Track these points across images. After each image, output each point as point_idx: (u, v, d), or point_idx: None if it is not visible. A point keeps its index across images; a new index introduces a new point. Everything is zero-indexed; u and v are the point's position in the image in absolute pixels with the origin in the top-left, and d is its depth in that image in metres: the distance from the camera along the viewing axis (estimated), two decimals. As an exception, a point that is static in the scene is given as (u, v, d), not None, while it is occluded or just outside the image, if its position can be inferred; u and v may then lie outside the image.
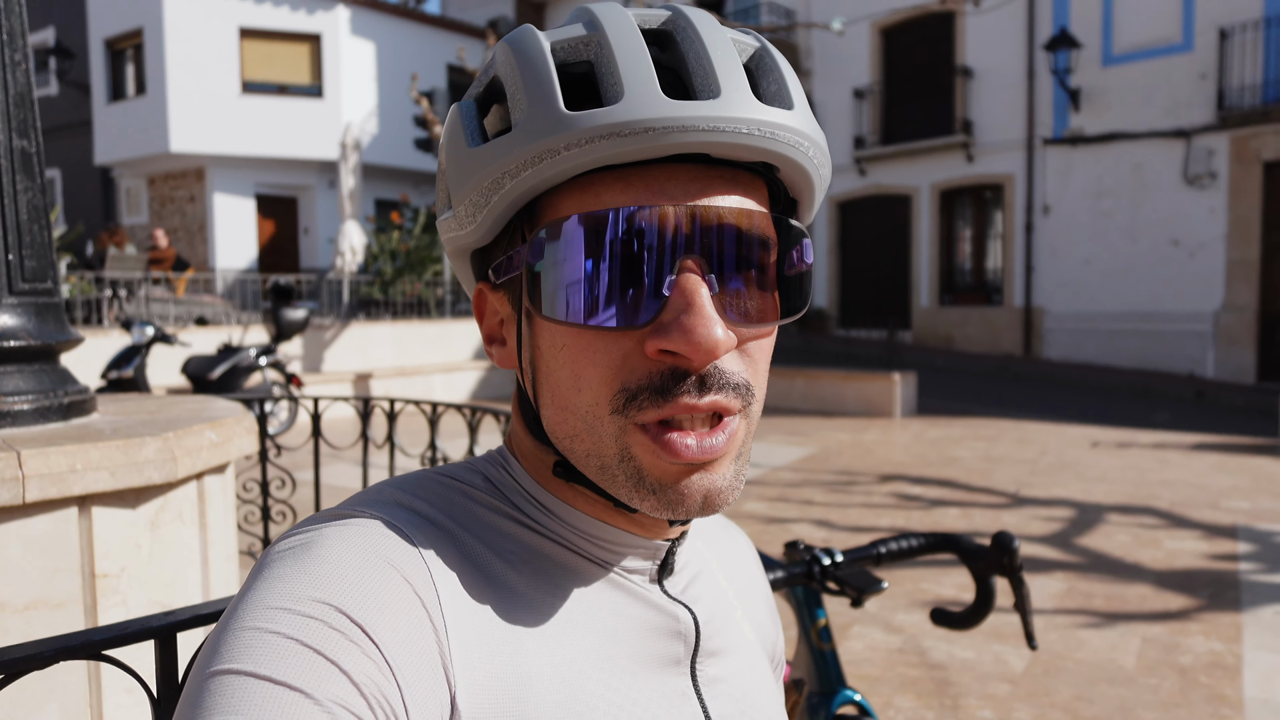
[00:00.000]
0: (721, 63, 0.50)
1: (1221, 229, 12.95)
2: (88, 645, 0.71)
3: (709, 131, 0.48)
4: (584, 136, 0.47)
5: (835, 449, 7.97)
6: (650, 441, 0.50)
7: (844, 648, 3.46)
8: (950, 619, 1.46)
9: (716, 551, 0.71)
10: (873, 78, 16.35)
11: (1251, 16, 12.57)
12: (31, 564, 1.32)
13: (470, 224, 0.54)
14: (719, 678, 0.61)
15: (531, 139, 0.48)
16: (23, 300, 1.54)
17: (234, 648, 0.43)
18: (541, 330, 0.52)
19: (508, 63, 0.52)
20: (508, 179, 0.50)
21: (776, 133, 0.50)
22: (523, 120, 0.49)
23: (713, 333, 0.47)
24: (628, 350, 0.50)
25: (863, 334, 15.95)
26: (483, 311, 0.59)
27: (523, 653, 0.50)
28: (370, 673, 0.43)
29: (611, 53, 0.50)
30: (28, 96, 1.58)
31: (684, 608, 0.60)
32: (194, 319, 10.84)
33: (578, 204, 0.50)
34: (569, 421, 0.52)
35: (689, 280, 0.48)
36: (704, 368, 0.49)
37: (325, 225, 17.77)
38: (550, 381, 0.53)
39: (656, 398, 0.49)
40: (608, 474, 0.52)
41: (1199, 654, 3.39)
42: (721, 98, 0.49)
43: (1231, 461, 7.31)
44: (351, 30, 17.55)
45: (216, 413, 1.74)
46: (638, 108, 0.47)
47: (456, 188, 0.53)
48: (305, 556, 0.47)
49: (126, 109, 17.19)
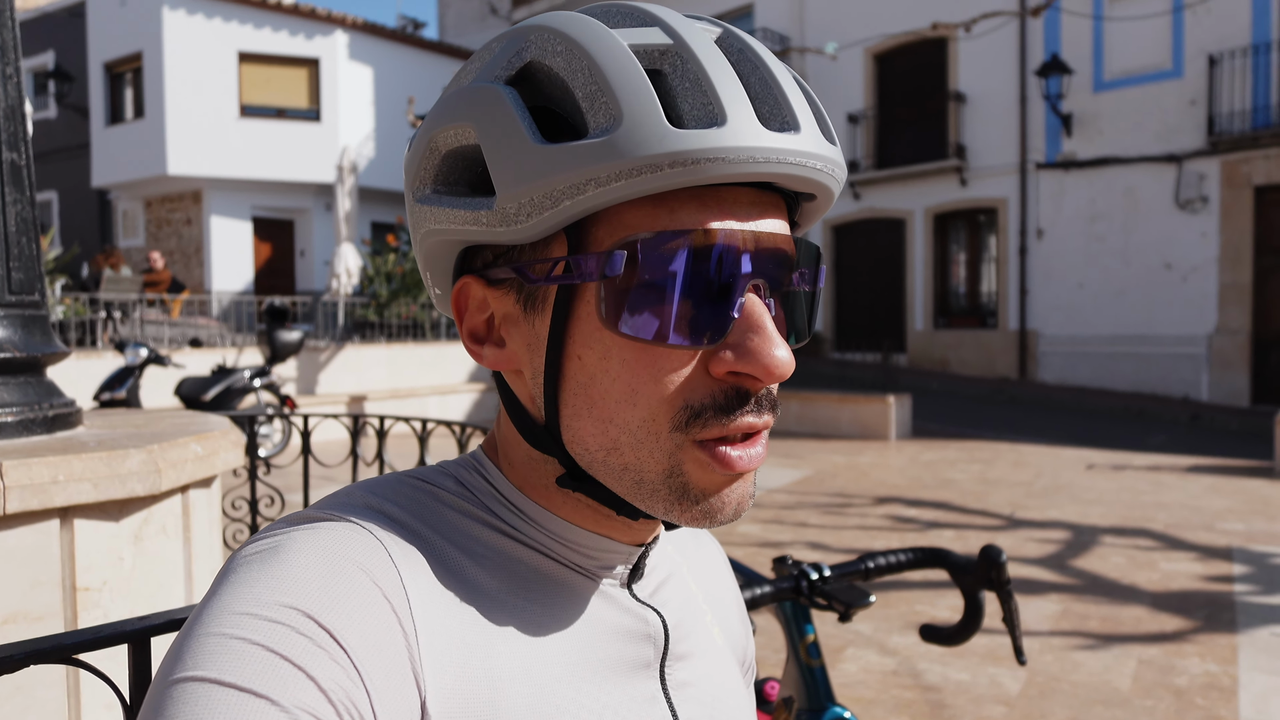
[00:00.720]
0: (792, 95, 0.51)
1: (1213, 252, 13.03)
2: (59, 649, 0.70)
3: (794, 165, 0.49)
4: (693, 157, 0.46)
5: (830, 471, 7.96)
6: (706, 457, 0.50)
7: (838, 669, 3.43)
8: (940, 635, 1.45)
9: (686, 556, 0.70)
10: (866, 102, 16.50)
11: (1240, 43, 12.72)
12: (11, 576, 1.30)
13: (519, 221, 0.50)
14: (688, 681, 0.61)
15: (634, 151, 0.46)
16: (9, 312, 1.54)
17: (198, 654, 0.42)
18: (591, 341, 0.51)
19: (574, 55, 0.49)
20: (593, 186, 0.47)
21: (835, 170, 0.52)
22: (615, 127, 0.47)
23: (783, 356, 0.49)
24: (692, 369, 0.50)
25: (858, 357, 15.97)
26: (464, 306, 0.57)
27: (493, 656, 0.50)
28: (338, 679, 0.42)
29: (701, 70, 0.49)
30: (18, 110, 1.59)
31: (653, 611, 0.60)
32: (188, 341, 10.83)
33: (650, 218, 0.49)
34: (609, 434, 0.51)
35: (755, 303, 0.50)
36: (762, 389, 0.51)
37: (321, 248, 17.80)
38: (592, 393, 0.51)
39: (721, 416, 0.50)
40: (644, 488, 0.52)
41: (1194, 676, 3.37)
42: (803, 133, 0.50)
43: (1226, 484, 7.31)
44: (349, 55, 17.68)
45: (202, 426, 1.73)
46: (742, 135, 0.47)
47: (512, 182, 0.49)
48: (272, 561, 0.47)
49: (124, 132, 17.26)
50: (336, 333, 13.25)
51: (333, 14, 17.35)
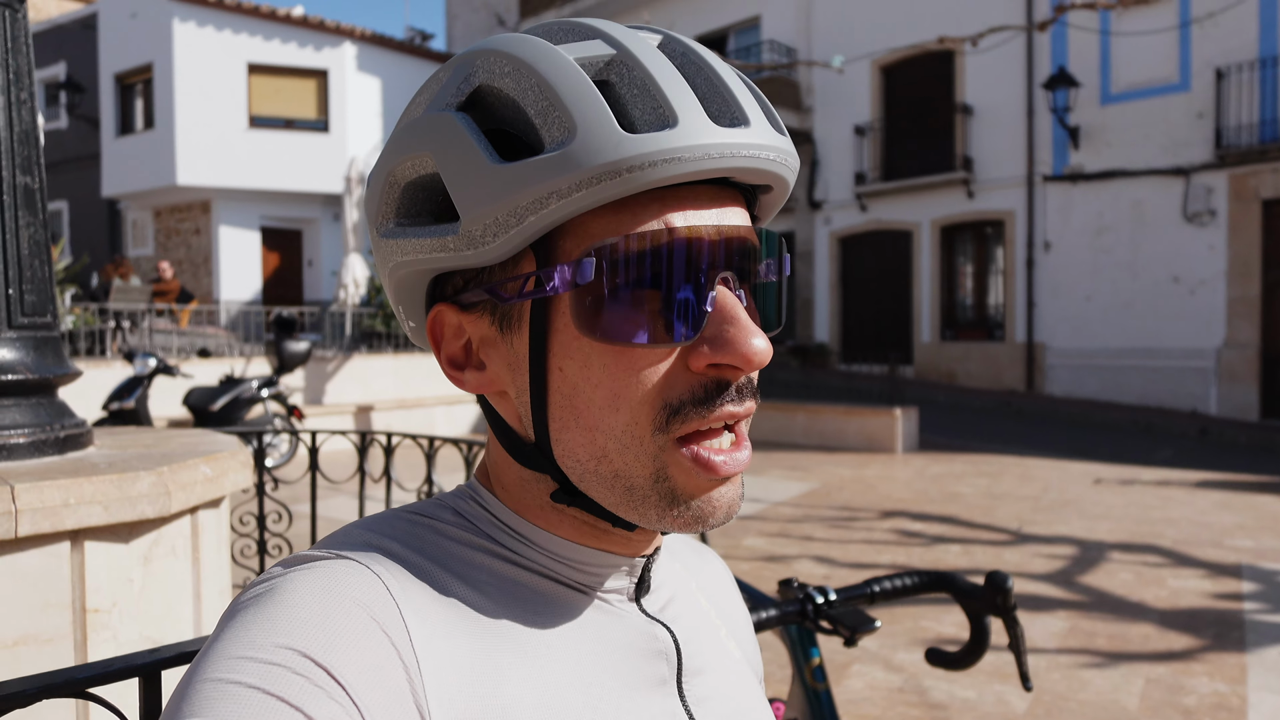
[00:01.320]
0: (739, 91, 0.52)
1: (1222, 266, 12.99)
2: (71, 683, 0.71)
3: (748, 158, 0.50)
4: (649, 159, 0.47)
5: (836, 484, 7.94)
6: (689, 462, 0.51)
7: (844, 686, 3.42)
8: (945, 659, 1.45)
9: (694, 573, 0.71)
10: (873, 115, 16.52)
11: (1247, 57, 12.71)
12: (22, 599, 1.31)
13: (486, 242, 0.51)
14: (707, 696, 0.60)
15: (589, 159, 0.47)
16: (22, 334, 1.55)
17: (196, 701, 0.42)
18: (570, 351, 0.51)
19: (522, 74, 0.50)
20: (554, 199, 0.48)
21: (788, 160, 0.54)
22: (569, 140, 0.48)
23: (760, 344, 0.50)
24: (670, 366, 0.51)
25: (864, 369, 15.93)
26: (440, 335, 0.57)
27: (504, 683, 0.50)
28: (336, 715, 0.42)
29: (648, 75, 0.50)
30: (32, 134, 1.61)
31: (662, 626, 0.60)
32: (197, 350, 10.88)
33: (614, 224, 0.50)
34: (597, 442, 0.52)
35: (727, 295, 0.51)
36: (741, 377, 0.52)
37: (329, 258, 17.88)
38: (577, 403, 0.52)
39: (700, 408, 0.50)
40: (635, 495, 0.52)
41: (1203, 695, 3.35)
42: (752, 126, 0.51)
43: (1236, 499, 7.27)
44: (358, 66, 17.80)
45: (212, 447, 1.74)
46: (695, 133, 0.48)
47: (473, 205, 0.50)
48: (269, 603, 0.47)
49: (135, 142, 17.39)
50: (344, 343, 13.29)
51: (341, 26, 17.47)
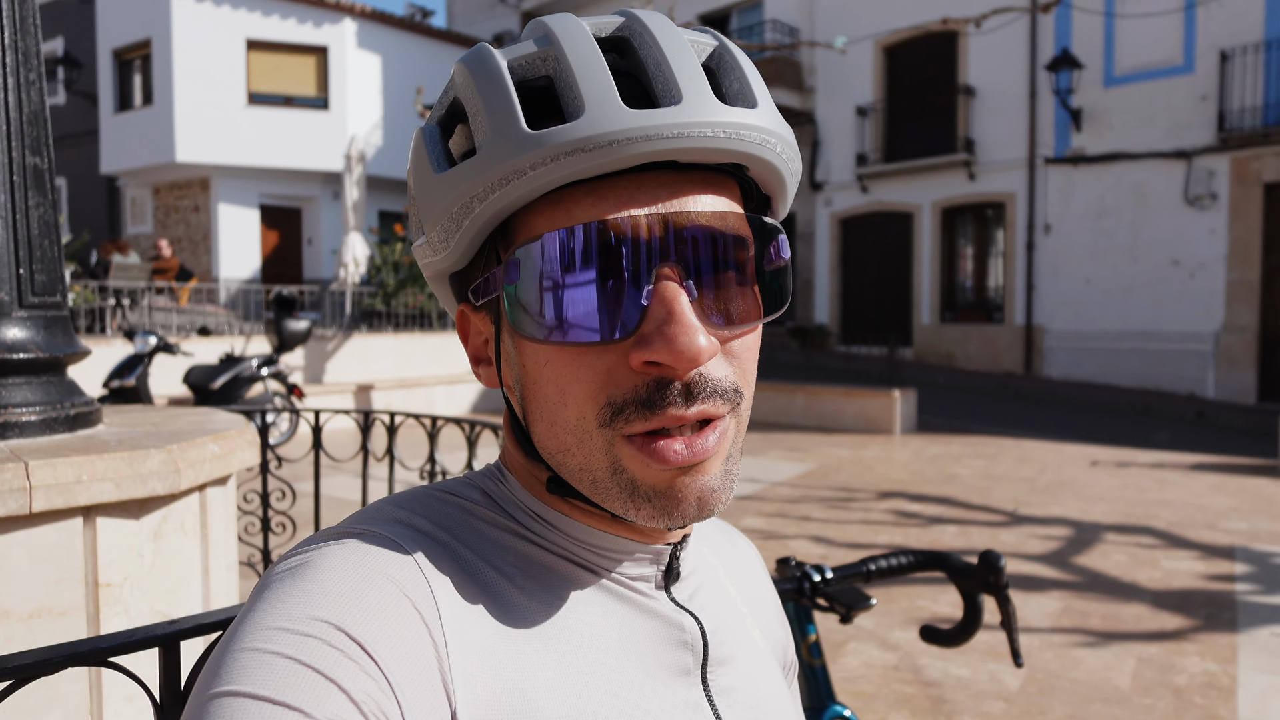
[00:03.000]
0: (680, 66, 0.50)
1: (1222, 249, 12.98)
2: (95, 652, 0.74)
3: (674, 138, 0.48)
4: (549, 154, 0.47)
5: (835, 465, 7.98)
6: (638, 452, 0.50)
7: (839, 665, 3.47)
8: (939, 636, 1.48)
9: (723, 559, 0.70)
10: (875, 96, 16.44)
11: (1252, 39, 12.65)
12: (36, 573, 1.34)
13: (444, 249, 0.53)
14: (731, 687, 0.60)
15: (496, 161, 0.48)
16: (32, 313, 1.57)
17: (233, 669, 0.43)
18: (525, 348, 0.52)
19: (466, 84, 0.51)
20: (476, 202, 0.49)
21: (742, 133, 0.50)
22: (486, 142, 0.49)
23: (695, 340, 0.47)
24: (611, 363, 0.49)
25: (864, 350, 15.97)
26: (467, 333, 0.60)
27: (526, 666, 0.50)
28: (370, 690, 0.43)
29: (569, 66, 0.49)
30: (41, 115, 1.62)
31: (690, 616, 0.59)
32: (196, 329, 10.89)
33: (549, 220, 0.50)
34: (559, 436, 0.52)
35: (667, 288, 0.48)
36: (688, 376, 0.49)
37: (329, 236, 17.84)
38: (538, 398, 0.53)
39: (644, 410, 0.49)
40: (600, 488, 0.52)
41: (1194, 675, 3.39)
42: (684, 103, 0.48)
43: (1230, 482, 7.32)
44: (358, 43, 17.68)
45: (219, 425, 1.77)
46: (600, 121, 0.47)
47: (426, 214, 0.53)
48: (304, 576, 0.47)
49: (133, 119, 17.30)
50: (344, 322, 13.30)
51: (341, 2, 17.33)
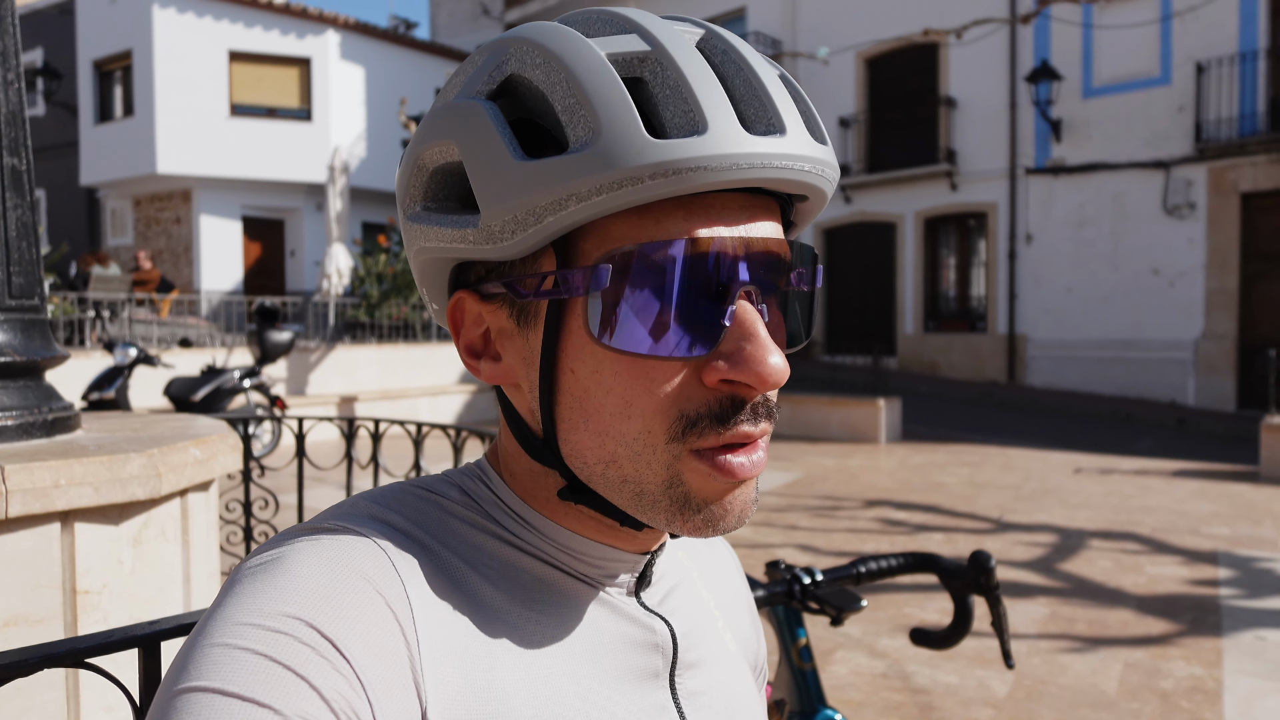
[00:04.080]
0: (777, 94, 0.50)
1: (1200, 258, 13.14)
2: (72, 653, 0.71)
3: (780, 169, 0.48)
4: (673, 168, 0.46)
5: (820, 474, 7.99)
6: (706, 466, 0.50)
7: (828, 672, 3.46)
8: (929, 639, 1.47)
9: (698, 562, 0.70)
10: (858, 107, 16.57)
11: (1227, 51, 12.84)
12: (12, 580, 1.31)
13: (504, 239, 0.50)
14: (699, 690, 0.60)
15: (611, 164, 0.46)
16: (9, 316, 1.55)
17: (202, 665, 0.42)
18: (583, 355, 0.50)
19: (553, 66, 0.49)
20: (574, 201, 0.47)
21: (825, 170, 0.52)
22: (594, 141, 0.46)
23: (776, 363, 0.48)
24: (685, 378, 0.49)
25: (848, 360, 16.01)
26: (460, 321, 0.56)
27: (497, 667, 0.50)
28: (340, 688, 0.42)
29: (681, 76, 0.48)
30: (19, 115, 1.60)
31: (660, 620, 0.59)
32: (178, 341, 10.80)
33: (636, 230, 0.49)
34: (606, 447, 0.51)
35: (747, 310, 0.49)
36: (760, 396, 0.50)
37: (312, 248, 17.74)
38: (587, 407, 0.51)
39: (717, 425, 0.49)
40: (645, 499, 0.51)
41: (1180, 679, 3.41)
42: (789, 135, 0.49)
43: (1212, 488, 7.37)
44: (341, 55, 17.65)
45: (201, 430, 1.74)
46: (724, 141, 0.47)
47: (495, 200, 0.49)
48: (276, 571, 0.47)
49: (114, 130, 17.17)
50: (327, 333, 13.22)
51: (324, 14, 17.31)
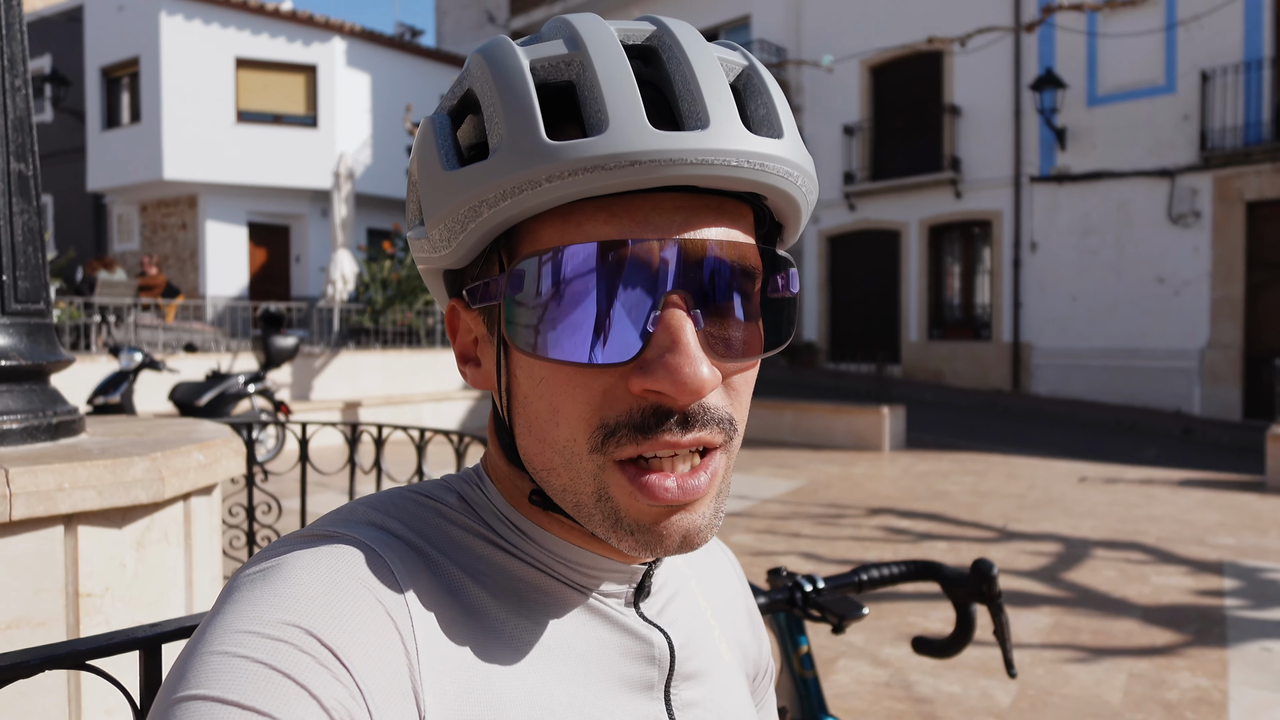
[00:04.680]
0: (709, 87, 0.48)
1: (1206, 267, 13.11)
2: (73, 655, 0.72)
3: (697, 165, 0.46)
4: (567, 169, 0.45)
5: (824, 482, 7.97)
6: (628, 483, 0.48)
7: (831, 681, 3.44)
8: (932, 647, 1.47)
9: (695, 568, 0.69)
10: (862, 114, 16.58)
11: (1232, 60, 12.84)
12: (15, 582, 1.32)
13: (445, 248, 0.52)
14: (694, 702, 0.60)
15: (511, 169, 0.46)
16: (15, 320, 1.55)
17: (200, 672, 0.42)
18: (519, 361, 0.51)
19: (484, 78, 0.49)
20: (485, 208, 0.48)
21: (766, 164, 0.48)
22: (501, 146, 0.47)
23: (699, 372, 0.46)
24: (608, 385, 0.48)
25: (852, 368, 16.00)
26: (455, 328, 0.57)
27: (494, 676, 0.50)
28: (340, 697, 0.42)
29: (595, 76, 0.47)
30: (26, 121, 1.61)
31: (659, 631, 0.59)
32: (183, 346, 10.82)
33: (559, 233, 0.48)
34: (545, 454, 0.51)
35: (674, 316, 0.47)
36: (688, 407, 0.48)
37: (317, 254, 17.80)
38: (527, 413, 0.51)
39: (636, 434, 0.48)
40: (584, 511, 0.51)
41: (1185, 690, 3.39)
42: (710, 128, 0.47)
43: (1218, 498, 7.34)
44: (347, 61, 17.72)
45: (204, 434, 1.75)
46: (623, 139, 0.45)
47: (431, 210, 0.51)
48: (275, 579, 0.46)
49: (121, 136, 17.26)
50: (331, 339, 13.25)
51: (330, 21, 17.39)
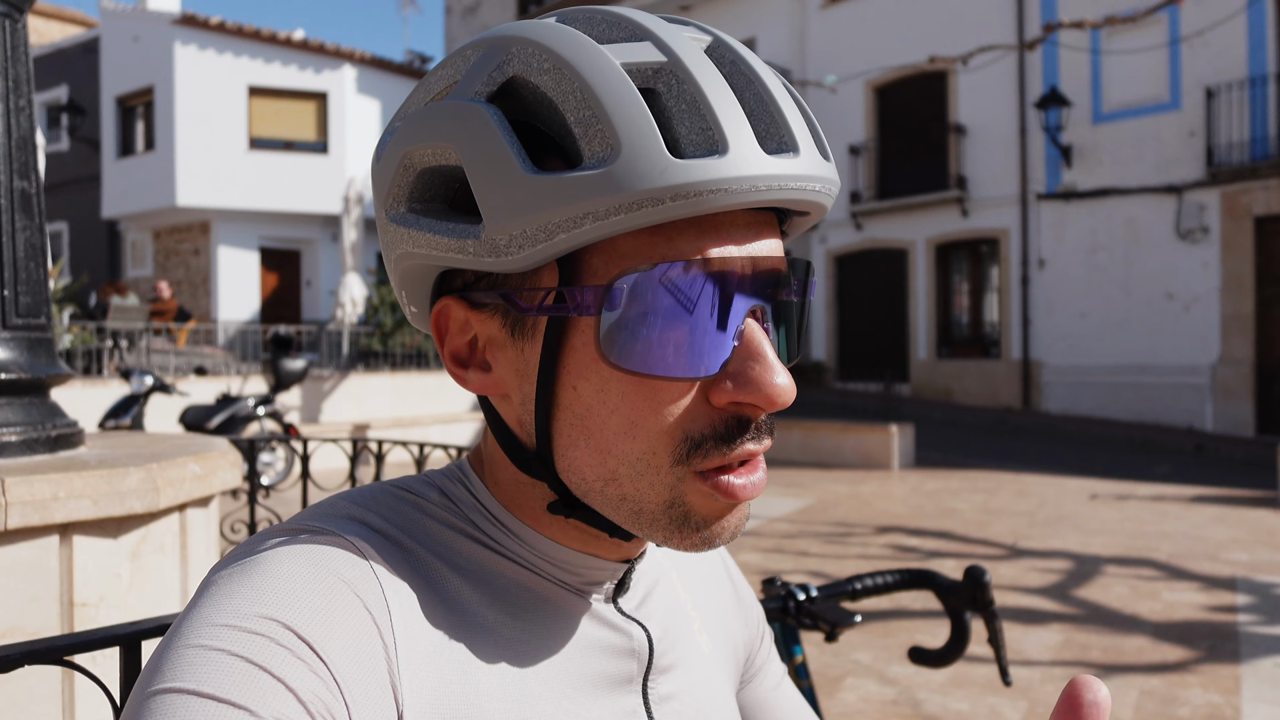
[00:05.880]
0: (789, 111, 0.49)
1: (1215, 282, 13.06)
2: (53, 650, 0.73)
3: (795, 190, 0.48)
4: (695, 190, 0.44)
5: (832, 500, 7.94)
6: (708, 487, 0.49)
7: (837, 699, 3.42)
8: (927, 657, 1.47)
9: (676, 561, 0.69)
10: (868, 134, 16.65)
11: (1237, 76, 12.85)
12: (10, 591, 1.33)
13: (510, 253, 0.47)
14: (671, 695, 0.60)
15: (632, 185, 0.44)
16: (15, 335, 1.58)
17: (176, 666, 0.41)
18: (587, 373, 0.49)
19: (564, 75, 0.46)
20: (590, 220, 0.45)
21: (831, 188, 0.51)
22: (612, 159, 0.44)
23: (784, 383, 0.48)
24: (691, 399, 0.49)
25: (860, 386, 15.98)
26: (445, 329, 0.54)
27: (472, 671, 0.49)
28: (317, 690, 0.42)
29: (699, 91, 0.46)
30: (30, 140, 1.64)
31: (637, 625, 0.59)
32: (194, 369, 10.90)
33: (646, 247, 0.47)
34: (607, 465, 0.50)
35: (754, 329, 0.49)
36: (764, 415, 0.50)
37: (327, 278, 17.94)
38: (589, 424, 0.50)
39: (722, 446, 0.49)
40: (643, 518, 0.51)
41: (1197, 706, 3.34)
42: (802, 155, 0.48)
43: (1230, 514, 7.27)
44: (357, 88, 17.94)
45: (202, 447, 1.76)
46: (745, 163, 0.45)
47: (501, 213, 0.46)
48: (252, 572, 0.46)
49: (135, 164, 17.50)
50: (341, 361, 13.31)
51: (341, 49, 17.63)
